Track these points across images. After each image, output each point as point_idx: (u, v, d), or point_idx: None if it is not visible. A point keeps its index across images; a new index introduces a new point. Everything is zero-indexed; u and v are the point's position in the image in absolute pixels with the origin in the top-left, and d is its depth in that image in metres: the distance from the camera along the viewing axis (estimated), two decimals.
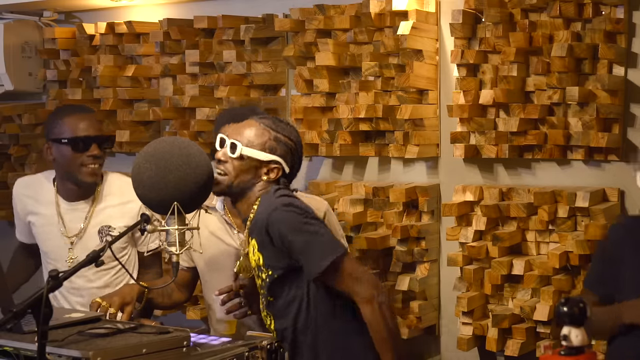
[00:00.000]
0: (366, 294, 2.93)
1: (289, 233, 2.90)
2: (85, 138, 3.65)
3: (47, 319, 2.44)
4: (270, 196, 3.00)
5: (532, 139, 3.68)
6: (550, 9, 3.61)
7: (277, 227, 2.90)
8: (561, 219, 3.64)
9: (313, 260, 2.90)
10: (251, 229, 3.02)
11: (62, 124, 3.67)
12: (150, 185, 2.92)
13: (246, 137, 3.03)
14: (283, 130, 3.06)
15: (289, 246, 2.91)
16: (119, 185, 3.79)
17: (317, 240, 2.92)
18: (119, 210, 3.74)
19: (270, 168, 3.02)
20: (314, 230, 2.94)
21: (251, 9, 4.44)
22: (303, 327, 3.01)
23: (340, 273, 2.93)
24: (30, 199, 3.85)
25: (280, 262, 2.95)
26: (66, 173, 3.71)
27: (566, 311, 2.18)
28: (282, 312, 3.02)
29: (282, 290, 3.00)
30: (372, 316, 2.93)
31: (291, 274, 2.97)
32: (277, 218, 2.91)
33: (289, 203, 2.96)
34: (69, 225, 3.76)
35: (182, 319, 4.48)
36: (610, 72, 3.57)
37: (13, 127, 5.12)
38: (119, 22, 4.79)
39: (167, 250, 2.96)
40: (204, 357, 2.62)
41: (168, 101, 4.55)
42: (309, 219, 2.95)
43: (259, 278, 3.04)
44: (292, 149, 3.05)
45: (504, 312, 3.71)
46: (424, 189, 3.94)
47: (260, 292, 3.06)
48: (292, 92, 4.32)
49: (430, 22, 3.94)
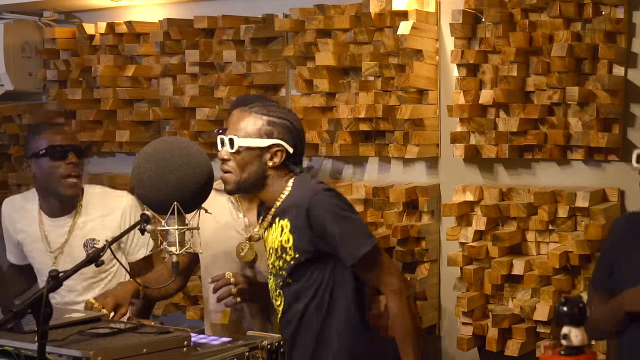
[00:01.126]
0: (395, 286, 3.00)
1: (329, 218, 2.95)
2: (61, 147, 3.74)
3: (47, 318, 2.44)
4: (307, 181, 3.04)
5: (532, 139, 3.68)
6: (550, 9, 3.61)
7: (318, 211, 2.95)
8: (561, 219, 3.64)
9: (351, 247, 2.96)
10: (282, 210, 3.03)
11: (38, 138, 3.77)
12: (150, 185, 2.92)
13: (241, 129, 3.04)
14: (276, 112, 3.06)
15: (328, 231, 2.95)
16: (99, 197, 3.84)
17: (355, 228, 2.99)
18: (99, 223, 3.79)
19: (272, 152, 3.03)
20: (352, 217, 3.02)
21: (251, 9, 4.44)
22: (314, 312, 3.04)
23: (373, 263, 3.00)
24: (17, 216, 3.92)
25: (313, 246, 2.98)
26: (47, 188, 3.77)
27: (566, 311, 2.18)
28: (297, 296, 3.05)
29: (304, 275, 3.03)
30: (399, 308, 2.99)
31: (317, 260, 3.01)
32: (319, 202, 2.96)
33: (330, 188, 3.04)
34: (52, 241, 3.81)
35: (182, 319, 4.48)
36: (610, 72, 3.57)
37: (13, 127, 5.13)
38: (119, 22, 4.79)
39: (167, 250, 2.96)
40: (204, 357, 2.62)
41: (168, 101, 4.55)
42: (347, 207, 3.03)
43: (280, 259, 3.05)
44: (289, 128, 3.05)
45: (504, 312, 3.71)
46: (424, 189, 3.94)
47: (279, 273, 3.07)
48: (292, 92, 4.32)
49: (430, 22, 3.94)
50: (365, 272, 3.02)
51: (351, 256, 2.96)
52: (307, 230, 2.97)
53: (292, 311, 3.06)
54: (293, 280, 3.04)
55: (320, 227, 2.95)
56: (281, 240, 3.03)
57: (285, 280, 3.05)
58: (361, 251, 2.95)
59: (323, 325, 3.04)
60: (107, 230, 3.75)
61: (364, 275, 3.03)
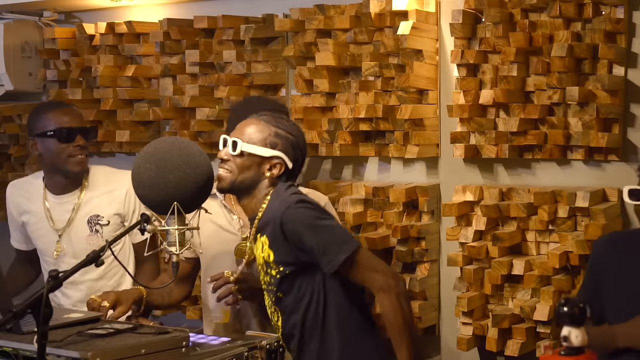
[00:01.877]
0: (383, 284, 2.97)
1: (303, 230, 2.93)
2: (69, 129, 3.76)
3: (47, 319, 2.44)
4: (281, 193, 3.03)
5: (532, 139, 3.68)
6: (550, 9, 3.61)
7: (291, 225, 2.93)
8: (561, 219, 3.63)
9: (329, 256, 2.93)
10: (261, 226, 3.04)
11: (45, 118, 3.76)
12: (150, 185, 2.92)
13: (247, 134, 3.05)
14: (283, 125, 3.08)
15: (304, 243, 2.93)
16: (104, 175, 3.87)
17: (331, 235, 2.96)
18: (105, 199, 3.80)
19: (272, 164, 3.04)
20: (328, 225, 2.99)
21: (251, 9, 4.43)
22: (312, 322, 3.03)
23: (356, 265, 2.97)
24: (22, 197, 3.92)
25: (293, 258, 2.97)
26: (53, 166, 3.79)
27: (566, 311, 2.18)
28: (292, 308, 3.04)
29: (293, 287, 3.02)
30: (389, 306, 2.95)
31: (302, 270, 3.00)
32: (291, 215, 2.94)
33: (301, 200, 3.00)
34: (57, 218, 3.82)
35: (182, 319, 4.48)
36: (610, 72, 3.56)
37: (13, 127, 5.13)
38: (119, 22, 4.78)
39: (167, 250, 2.96)
40: (203, 357, 2.63)
41: (168, 101, 4.55)
42: (322, 214, 3.00)
43: (267, 275, 3.06)
44: (293, 143, 3.06)
45: (504, 312, 3.71)
46: (424, 189, 3.94)
47: (269, 288, 3.07)
48: (292, 92, 4.32)
49: (430, 22, 3.93)
50: (349, 275, 2.99)
51: (331, 264, 2.94)
52: (284, 244, 2.96)
53: (290, 324, 3.05)
54: (284, 294, 3.03)
55: (296, 240, 2.94)
56: (263, 256, 3.04)
57: (276, 295, 3.05)
58: (339, 258, 2.93)
59: (324, 335, 3.03)
60: (111, 207, 3.78)
61: (350, 276, 3.00)
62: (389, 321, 2.96)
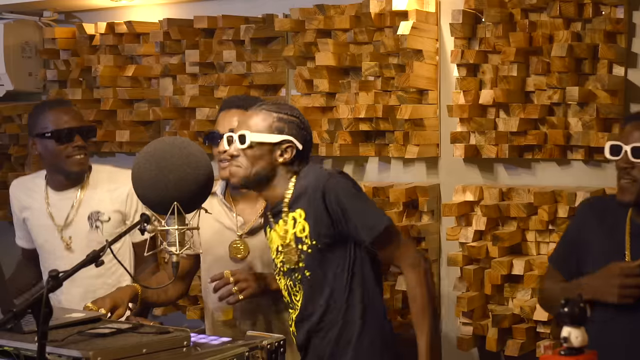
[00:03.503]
0: (413, 260, 3.04)
1: (346, 199, 2.99)
2: (68, 130, 3.76)
3: (47, 319, 2.44)
4: (316, 168, 3.10)
5: (532, 139, 3.68)
6: (550, 9, 3.61)
7: (334, 194, 2.98)
8: (561, 219, 3.64)
9: (369, 224, 2.99)
10: (293, 201, 3.06)
11: (44, 118, 3.77)
12: (150, 185, 2.92)
13: (252, 125, 3.06)
14: (284, 109, 3.10)
15: (346, 210, 2.98)
16: (107, 174, 3.89)
17: (370, 207, 3.05)
18: (107, 196, 3.81)
19: (283, 149, 3.06)
20: (366, 197, 3.12)
21: (251, 9, 4.44)
22: (336, 305, 3.05)
23: (392, 238, 3.04)
24: (23, 194, 3.94)
25: (330, 229, 3.00)
26: (53, 165, 3.80)
27: (566, 312, 2.18)
28: (317, 289, 3.06)
29: (322, 265, 3.04)
30: (417, 282, 3.02)
31: (335, 245, 3.03)
32: (334, 185, 3.00)
33: (340, 171, 3.13)
34: (58, 214, 3.83)
35: (182, 319, 4.48)
36: (610, 72, 3.57)
37: (13, 127, 5.13)
38: (119, 22, 4.79)
39: (167, 250, 2.96)
40: (204, 357, 2.62)
41: (168, 101, 4.55)
42: (359, 188, 3.11)
43: (296, 252, 3.06)
44: (298, 124, 3.08)
45: (504, 312, 3.72)
46: (424, 189, 3.94)
47: (297, 267, 3.08)
48: (292, 92, 4.32)
49: (430, 22, 3.94)
50: (383, 248, 3.04)
51: (370, 232, 2.99)
52: (324, 214, 2.99)
53: (311, 307, 3.07)
54: (311, 272, 3.05)
55: (338, 208, 2.98)
56: (295, 232, 3.05)
57: (303, 274, 3.07)
58: (380, 226, 2.99)
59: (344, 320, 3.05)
60: (113, 204, 3.79)
61: (382, 251, 3.05)
62: (415, 296, 3.01)
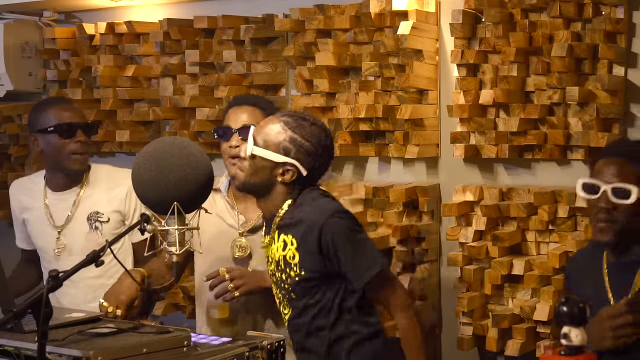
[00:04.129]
0: (404, 304, 3.02)
1: (341, 242, 2.92)
2: (70, 124, 3.77)
3: (47, 318, 2.44)
4: (316, 198, 3.00)
5: (532, 139, 3.68)
6: (550, 9, 3.61)
7: (330, 234, 2.91)
8: (561, 219, 3.64)
9: (360, 271, 2.93)
10: (285, 225, 2.99)
11: (46, 114, 3.77)
12: (150, 185, 2.92)
13: (263, 136, 2.98)
14: (302, 131, 2.97)
15: (339, 254, 2.92)
16: (105, 173, 3.88)
17: (365, 250, 2.97)
18: (106, 196, 3.80)
19: (285, 169, 2.96)
20: (363, 238, 3.00)
21: (251, 9, 4.43)
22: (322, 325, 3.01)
23: (383, 283, 2.99)
24: (23, 195, 3.95)
25: (319, 266, 2.95)
26: (54, 162, 3.80)
27: (566, 311, 2.18)
28: (303, 310, 3.02)
29: (309, 292, 3.00)
30: (409, 325, 3.00)
31: (323, 279, 2.98)
32: (332, 225, 2.92)
33: (342, 209, 3.00)
34: (57, 215, 3.83)
35: (182, 319, 4.48)
36: (610, 72, 3.57)
37: (13, 127, 5.13)
38: (119, 22, 4.79)
39: (167, 250, 2.96)
40: (204, 357, 2.63)
41: (168, 101, 4.55)
42: (358, 226, 3.01)
43: (284, 273, 3.02)
44: (309, 150, 2.96)
45: (504, 312, 3.71)
46: (424, 189, 3.94)
47: (282, 286, 3.05)
48: (292, 92, 4.32)
49: (430, 22, 3.94)
50: (373, 293, 3.00)
51: (360, 279, 2.94)
52: (316, 251, 2.93)
53: (297, 323, 3.05)
54: (297, 296, 3.01)
55: (332, 250, 2.92)
56: (284, 255, 3.00)
57: (289, 295, 3.03)
58: (370, 273, 2.94)
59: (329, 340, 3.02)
60: (112, 204, 3.78)
61: (373, 295, 3.02)
62: (408, 340, 2.99)
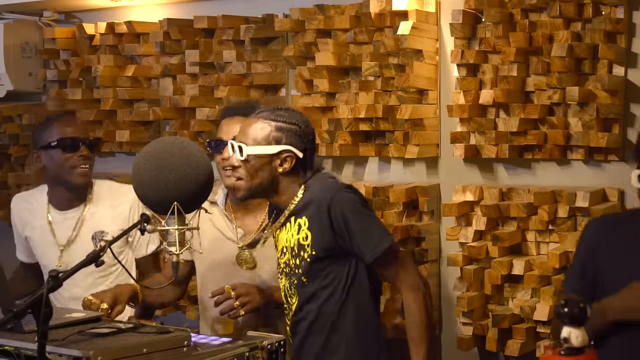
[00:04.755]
0: (413, 282, 3.04)
1: (351, 214, 2.98)
2: (73, 139, 3.77)
3: (47, 318, 2.44)
4: (325, 178, 3.08)
5: (532, 139, 3.68)
6: (550, 9, 3.61)
7: (340, 208, 2.97)
8: (561, 219, 3.64)
9: (372, 243, 2.98)
10: (298, 209, 3.04)
11: (49, 130, 3.79)
12: (150, 185, 2.92)
13: (249, 136, 3.04)
14: (283, 117, 3.05)
15: (349, 227, 2.97)
16: (107, 189, 3.87)
17: (375, 225, 3.03)
18: (109, 214, 3.79)
19: (282, 158, 3.03)
20: (372, 215, 3.08)
21: (251, 9, 4.44)
22: (329, 311, 3.04)
23: (392, 258, 3.03)
24: (25, 211, 3.93)
25: (331, 242, 3.00)
26: (57, 178, 3.79)
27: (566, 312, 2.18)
28: (312, 295, 3.05)
29: (320, 274, 3.03)
30: (416, 304, 3.01)
31: (335, 257, 3.02)
32: (341, 199, 2.99)
33: (349, 186, 3.09)
34: (60, 234, 3.82)
35: (182, 319, 4.48)
36: (610, 72, 3.57)
37: (13, 127, 5.13)
38: (119, 22, 4.79)
39: (167, 250, 2.96)
40: (204, 357, 2.62)
41: (168, 101, 4.55)
42: (367, 203, 3.09)
43: (297, 257, 3.06)
44: (297, 132, 3.05)
45: (504, 312, 3.72)
46: (424, 189, 3.94)
47: (294, 272, 3.07)
48: (292, 92, 4.32)
49: (430, 22, 3.94)
50: (384, 268, 3.04)
51: (372, 251, 2.98)
52: (327, 227, 2.98)
53: (305, 310, 3.07)
54: (309, 279, 3.05)
55: (342, 223, 2.97)
56: (298, 238, 3.04)
57: (300, 279, 3.06)
58: (382, 246, 2.98)
59: (333, 327, 3.05)
60: (116, 222, 3.78)
61: (383, 271, 3.05)
62: (413, 320, 3.01)
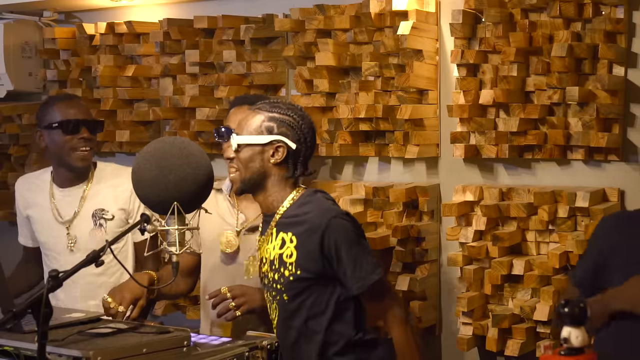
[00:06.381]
0: (400, 315, 3.03)
1: (344, 243, 2.93)
2: (75, 121, 3.78)
3: (47, 319, 2.44)
4: (319, 198, 3.02)
5: (532, 139, 3.68)
6: (550, 9, 3.61)
7: (334, 234, 2.92)
8: (561, 219, 3.64)
9: (360, 275, 2.94)
10: (286, 224, 3.00)
11: (52, 110, 3.82)
12: (151, 186, 2.91)
13: (241, 126, 3.04)
14: (279, 109, 3.03)
15: (340, 256, 2.92)
16: (111, 170, 3.93)
17: (367, 256, 2.98)
18: (111, 193, 3.83)
19: (274, 148, 3.00)
20: (365, 245, 3.01)
21: (251, 9, 4.44)
22: (315, 329, 3.01)
23: (379, 293, 3.00)
24: (28, 191, 3.96)
25: (317, 266, 2.95)
26: (59, 158, 3.83)
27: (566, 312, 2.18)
28: (293, 314, 3.01)
29: (301, 293, 2.99)
30: (405, 336, 3.01)
31: (318, 280, 2.98)
32: (336, 225, 2.93)
33: (347, 213, 3.02)
34: (63, 211, 3.84)
35: (182, 319, 4.48)
36: (610, 72, 3.57)
37: (13, 127, 5.13)
38: (119, 22, 4.79)
39: (167, 250, 2.96)
40: (204, 357, 2.62)
41: (168, 101, 4.55)
42: (361, 232, 3.02)
43: (277, 272, 3.02)
44: (291, 123, 3.01)
45: (504, 312, 3.71)
46: (424, 189, 3.94)
47: (274, 286, 3.04)
48: (292, 92, 4.32)
49: (430, 22, 3.94)
50: (370, 300, 3.01)
51: (358, 283, 2.95)
52: (317, 251, 2.94)
53: (286, 326, 3.04)
54: (289, 297, 3.01)
55: (333, 250, 2.93)
56: (281, 253, 3.00)
57: (281, 296, 3.03)
58: (370, 279, 2.95)
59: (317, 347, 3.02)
60: (117, 202, 3.81)
61: (369, 303, 3.02)
62: (404, 350, 3.00)
